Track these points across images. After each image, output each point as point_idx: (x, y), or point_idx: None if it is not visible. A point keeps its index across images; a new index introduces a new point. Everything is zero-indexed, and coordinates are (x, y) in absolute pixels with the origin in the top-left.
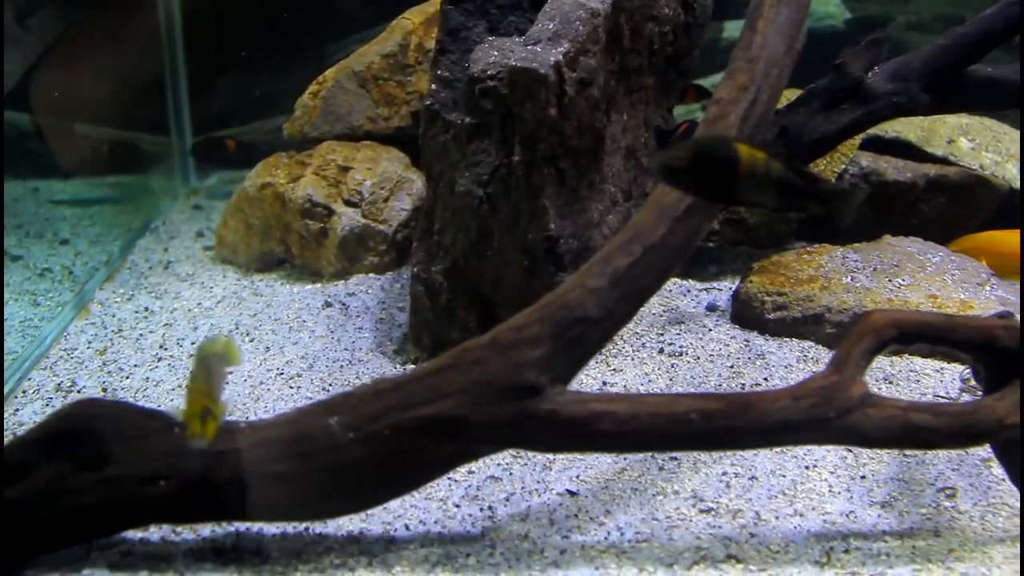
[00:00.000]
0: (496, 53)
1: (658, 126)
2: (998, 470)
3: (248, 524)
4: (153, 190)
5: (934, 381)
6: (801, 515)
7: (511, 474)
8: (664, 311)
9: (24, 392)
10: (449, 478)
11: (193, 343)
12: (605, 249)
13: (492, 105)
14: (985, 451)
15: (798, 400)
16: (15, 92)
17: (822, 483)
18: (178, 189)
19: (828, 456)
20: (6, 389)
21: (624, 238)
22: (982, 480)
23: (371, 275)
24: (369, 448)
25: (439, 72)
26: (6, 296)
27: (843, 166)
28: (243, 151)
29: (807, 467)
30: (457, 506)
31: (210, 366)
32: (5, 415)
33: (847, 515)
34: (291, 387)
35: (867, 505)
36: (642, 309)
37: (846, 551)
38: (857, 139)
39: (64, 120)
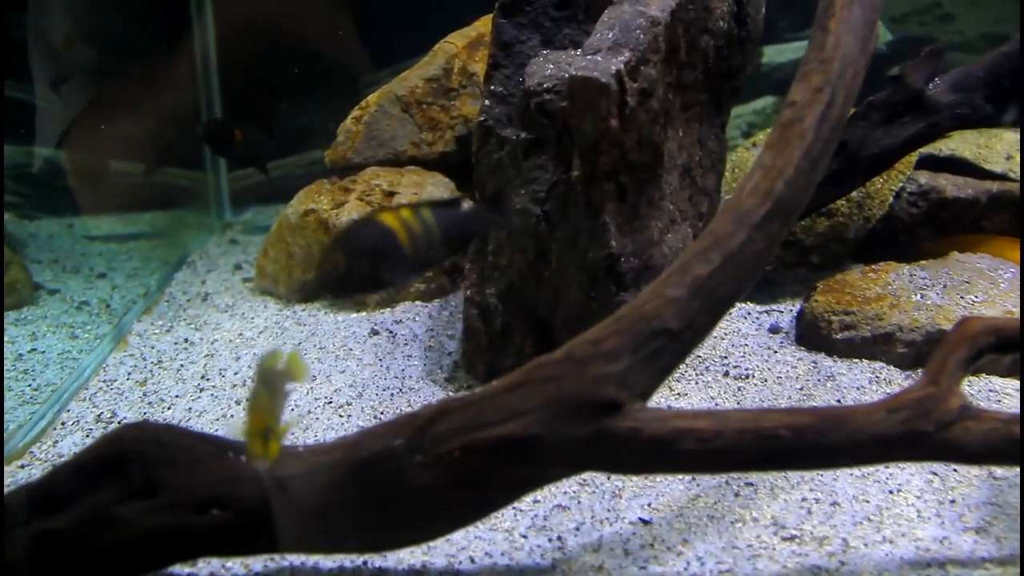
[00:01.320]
0: (552, 66)
1: None
2: None
3: (303, 557)
4: (188, 225)
5: (1015, 401)
6: (891, 542)
7: (579, 503)
8: (725, 334)
9: (63, 424)
10: (514, 508)
11: (236, 373)
12: (682, 258)
13: (548, 119)
14: None
15: (893, 413)
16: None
17: (909, 508)
18: (213, 224)
19: (913, 480)
20: (44, 421)
21: (702, 246)
22: None
23: (418, 303)
24: (437, 472)
25: (492, 87)
26: (44, 329)
27: (900, 184)
28: (256, 145)
29: (891, 491)
30: (524, 537)
31: (272, 382)
32: (43, 447)
33: (940, 541)
34: (341, 415)
35: (960, 531)
36: None
37: None
38: (913, 157)
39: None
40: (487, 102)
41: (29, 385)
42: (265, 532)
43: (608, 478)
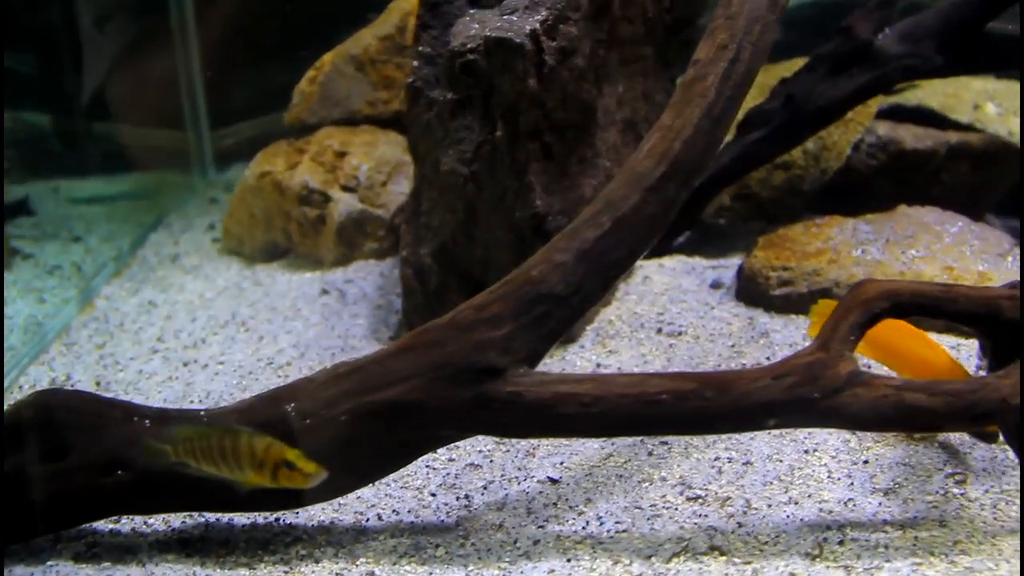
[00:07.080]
0: (476, 26)
1: None
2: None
3: (219, 515)
4: (171, 185)
5: None
6: (796, 503)
7: (492, 461)
8: (666, 289)
9: (20, 387)
10: (427, 465)
11: (190, 335)
12: (574, 222)
13: (474, 80)
14: None
15: (779, 379)
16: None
17: (821, 468)
18: (196, 184)
19: (830, 440)
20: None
21: (593, 210)
22: (997, 464)
23: (371, 261)
24: (326, 435)
25: (420, 48)
26: (14, 294)
27: (858, 136)
28: None
29: (806, 451)
30: (433, 495)
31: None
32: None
33: (845, 503)
34: (279, 376)
35: (868, 492)
36: (644, 287)
37: (841, 542)
38: (872, 107)
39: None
40: (416, 63)
41: None
42: (171, 491)
43: None
